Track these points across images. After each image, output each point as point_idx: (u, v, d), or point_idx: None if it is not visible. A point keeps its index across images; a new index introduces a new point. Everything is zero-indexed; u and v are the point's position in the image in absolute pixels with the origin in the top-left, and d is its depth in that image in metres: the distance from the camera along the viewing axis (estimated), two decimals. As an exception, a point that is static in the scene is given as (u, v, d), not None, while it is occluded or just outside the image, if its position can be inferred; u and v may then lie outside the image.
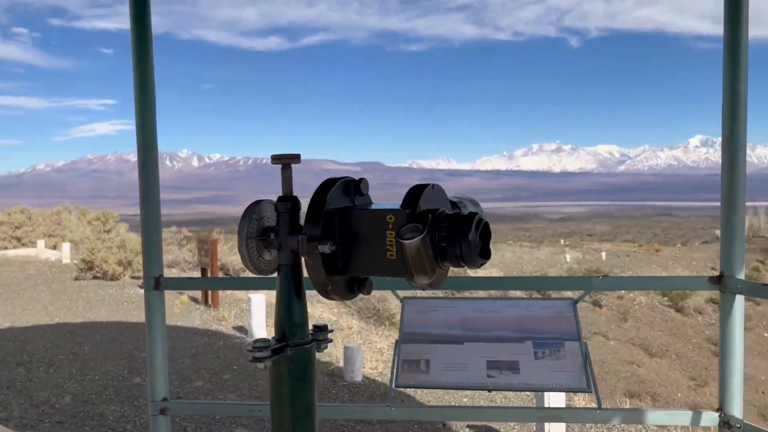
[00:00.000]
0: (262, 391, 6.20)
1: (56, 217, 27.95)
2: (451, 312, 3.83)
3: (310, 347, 0.93)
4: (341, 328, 9.26)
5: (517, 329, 3.67)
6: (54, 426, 5.19)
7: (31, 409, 5.59)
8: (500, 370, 3.54)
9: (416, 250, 0.77)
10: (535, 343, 3.60)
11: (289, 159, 0.92)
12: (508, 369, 3.54)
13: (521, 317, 3.73)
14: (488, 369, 3.55)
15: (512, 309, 3.77)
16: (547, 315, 3.78)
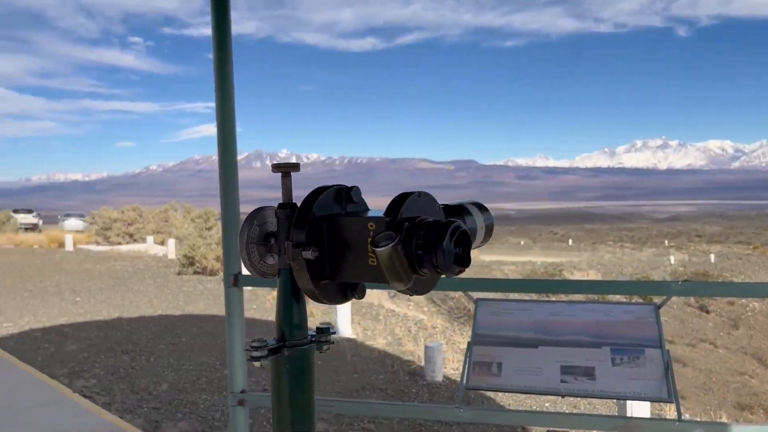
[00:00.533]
0: (343, 385, 6.33)
1: (164, 214, 29.75)
2: (526, 315, 3.75)
3: (307, 348, 0.96)
4: (425, 327, 9.27)
5: (594, 334, 3.54)
6: (150, 411, 5.54)
7: (132, 395, 6.00)
8: (575, 376, 3.43)
9: (388, 257, 0.78)
10: (614, 349, 3.45)
11: (289, 167, 0.95)
12: (583, 375, 3.42)
13: (600, 322, 3.59)
14: (562, 374, 3.45)
15: (590, 313, 3.64)
16: (627, 320, 3.61)
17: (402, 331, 8.79)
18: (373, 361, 7.26)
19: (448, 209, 0.98)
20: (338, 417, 5.34)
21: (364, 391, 6.20)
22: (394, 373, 6.78)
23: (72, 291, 12.65)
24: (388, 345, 8.02)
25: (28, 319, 9.62)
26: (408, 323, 9.45)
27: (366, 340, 8.22)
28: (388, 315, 10.14)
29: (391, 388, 6.28)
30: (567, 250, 52.05)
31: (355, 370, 6.88)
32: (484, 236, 1.05)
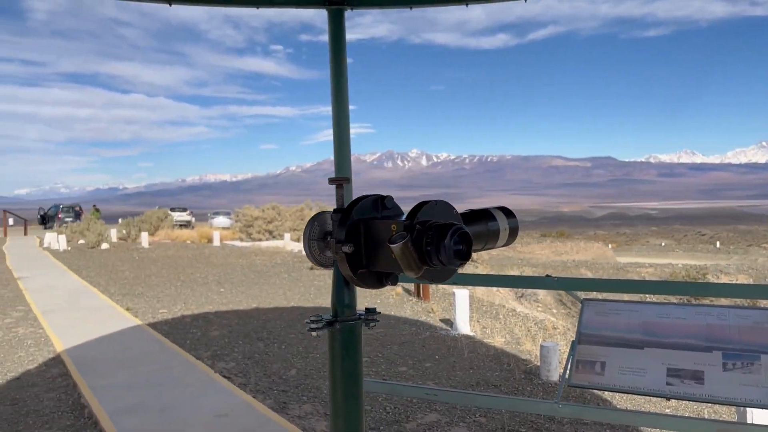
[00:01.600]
0: (458, 380, 6.51)
1: (300, 213, 31.43)
2: (633, 315, 3.74)
3: (355, 324, 1.20)
4: (546, 327, 9.19)
5: (705, 338, 3.47)
6: (279, 394, 6.07)
7: (265, 378, 6.59)
8: (682, 379, 3.40)
9: (400, 252, 0.99)
10: (725, 353, 3.38)
11: (341, 181, 1.19)
12: (691, 378, 3.38)
13: (711, 325, 3.52)
14: (668, 376, 3.42)
15: (701, 316, 3.57)
16: (742, 325, 3.51)
17: (521, 330, 8.80)
18: (490, 358, 7.37)
19: (473, 214, 1.18)
20: (451, 409, 5.54)
21: (478, 386, 6.34)
22: (510, 371, 6.86)
23: (217, 282, 13.88)
24: (506, 344, 8.08)
25: (180, 307, 10.74)
26: (528, 323, 9.42)
27: (484, 338, 8.34)
28: (508, 314, 10.15)
29: (506, 385, 6.37)
30: (714, 252, 48.15)
31: (471, 366, 7.03)
32: (509, 237, 1.23)
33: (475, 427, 5.27)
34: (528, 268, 26.95)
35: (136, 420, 5.14)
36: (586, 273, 27.66)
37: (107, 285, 13.56)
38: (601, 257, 39.75)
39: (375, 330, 8.77)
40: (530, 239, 46.84)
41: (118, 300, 11.43)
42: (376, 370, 6.91)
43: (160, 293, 12.30)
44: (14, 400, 6.00)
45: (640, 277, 28.07)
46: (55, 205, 45.44)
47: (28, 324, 9.47)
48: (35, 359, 7.46)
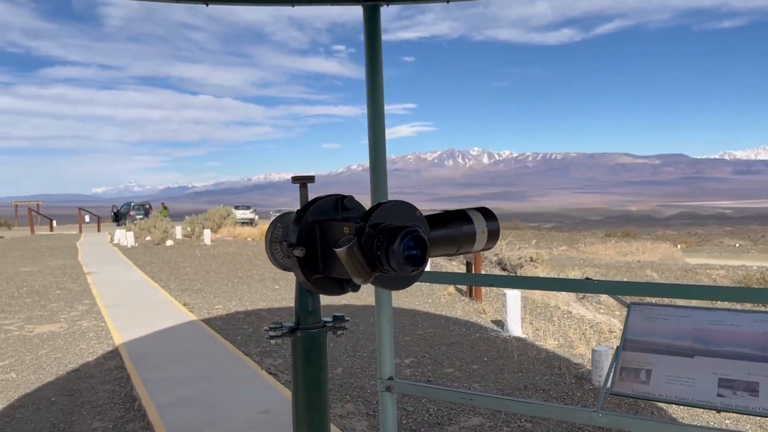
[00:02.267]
0: (506, 383, 6.36)
1: (358, 211, 31.65)
2: (683, 321, 3.53)
3: (318, 332, 1.13)
4: (602, 331, 8.86)
5: (761, 347, 3.24)
6: (324, 391, 6.09)
7: (310, 375, 6.63)
8: (734, 390, 3.18)
9: (345, 256, 0.91)
10: (784, 365, 3.13)
11: (305, 180, 1.12)
12: (744, 390, 3.16)
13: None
14: (720, 387, 3.21)
15: (758, 324, 3.33)
16: (804, 334, 3.26)
17: (575, 333, 8.51)
18: (540, 361, 7.16)
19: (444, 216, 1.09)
20: (496, 412, 5.41)
21: (526, 390, 6.17)
22: (560, 375, 6.64)
23: (273, 279, 14.11)
24: (559, 347, 7.83)
25: (235, 303, 10.96)
26: (583, 326, 9.11)
27: (536, 341, 8.12)
28: (563, 316, 9.86)
29: (555, 389, 6.16)
30: (794, 254, 45.46)
31: (520, 369, 6.85)
32: (488, 241, 1.14)
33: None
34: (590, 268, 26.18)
35: (181, 413, 5.25)
36: (651, 274, 26.66)
37: (168, 280, 14.01)
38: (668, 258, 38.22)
39: (424, 330, 8.69)
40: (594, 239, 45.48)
41: (177, 295, 11.78)
42: (422, 370, 6.83)
43: (218, 289, 12.60)
44: (71, 391, 6.25)
45: (710, 279, 26.84)
46: (127, 203, 47.47)
47: (92, 317, 9.87)
48: (95, 351, 7.76)
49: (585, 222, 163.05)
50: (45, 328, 9.19)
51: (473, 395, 3.63)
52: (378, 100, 3.87)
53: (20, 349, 8.01)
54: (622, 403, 5.54)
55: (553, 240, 43.40)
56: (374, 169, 3.84)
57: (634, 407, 5.59)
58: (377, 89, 3.86)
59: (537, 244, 36.74)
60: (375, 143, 3.85)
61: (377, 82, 3.87)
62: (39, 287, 13.32)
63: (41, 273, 15.82)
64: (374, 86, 3.85)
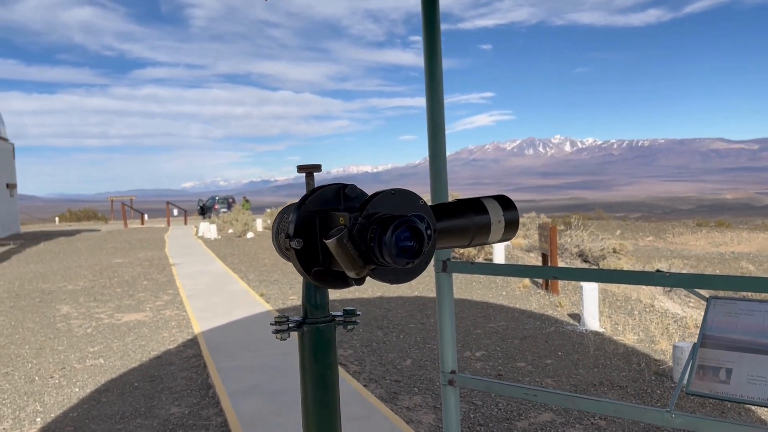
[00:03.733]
0: (580, 379, 6.13)
1: (434, 203, 31.57)
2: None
3: (325, 327, 1.07)
4: (687, 326, 8.39)
5: None
6: (392, 383, 6.08)
7: (379, 367, 6.63)
8: (826, 393, 2.90)
9: (336, 248, 0.85)
10: None
11: (311, 168, 1.06)
12: (838, 393, 2.88)
13: None
14: (809, 390, 2.94)
15: None
16: None
17: (657, 328, 8.09)
18: (618, 356, 6.86)
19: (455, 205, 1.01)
20: (568, 410, 5.22)
21: (601, 386, 5.92)
22: (639, 371, 6.33)
23: (347, 271, 14.27)
24: (639, 342, 7.47)
25: (309, 294, 11.16)
26: (666, 320, 8.65)
27: (614, 335, 7.78)
28: (645, 310, 9.40)
29: (633, 386, 5.88)
30: None
31: (596, 365, 6.59)
32: (505, 231, 1.05)
33: (592, 430, 4.92)
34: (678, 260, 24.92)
35: (251, 401, 5.39)
36: (747, 266, 25.04)
37: (247, 272, 14.45)
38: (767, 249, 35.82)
39: (497, 323, 8.52)
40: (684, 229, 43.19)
41: (255, 286, 12.12)
42: (493, 364, 6.70)
43: (293, 280, 12.86)
44: (152, 377, 6.54)
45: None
46: (212, 197, 49.41)
47: (175, 307, 10.32)
48: (176, 340, 8.10)
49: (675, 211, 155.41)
50: (132, 317, 9.69)
51: (537, 391, 3.49)
52: (437, 87, 3.78)
53: (109, 336, 8.48)
54: (706, 403, 5.21)
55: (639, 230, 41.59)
56: (434, 159, 3.75)
57: (714, 408, 5.25)
58: (436, 77, 3.77)
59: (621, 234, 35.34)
60: (434, 132, 3.76)
61: (436, 68, 3.77)
62: (128, 278, 14.06)
63: (131, 264, 16.71)
64: (433, 73, 3.76)
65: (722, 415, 5.06)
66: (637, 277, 4.22)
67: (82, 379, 6.59)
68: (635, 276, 4.21)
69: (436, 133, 3.82)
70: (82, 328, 9.03)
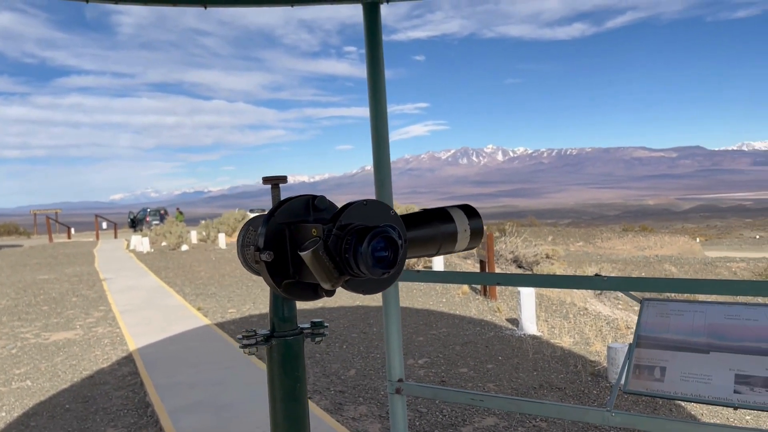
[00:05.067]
0: (521, 382, 6.27)
1: (372, 212, 31.67)
2: (698, 317, 3.45)
3: (293, 339, 1.07)
4: (619, 327, 8.73)
5: (779, 341, 3.14)
6: (336, 394, 6.04)
7: (323, 378, 6.58)
8: (752, 387, 3.08)
9: (311, 260, 0.86)
10: (802, 359, 3.04)
11: (277, 180, 1.06)
12: (762, 386, 3.06)
13: (787, 328, 3.19)
14: (736, 384, 3.12)
15: (776, 317, 3.24)
16: (823, 327, 3.17)
17: (592, 330, 8.39)
18: (556, 359, 7.06)
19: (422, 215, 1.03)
20: (511, 413, 5.33)
21: (541, 389, 6.08)
22: (576, 373, 6.54)
23: (287, 282, 14.10)
24: (575, 344, 7.72)
25: (249, 306, 10.96)
26: (599, 322, 8.98)
27: (551, 339, 8.01)
28: (579, 313, 9.73)
29: (571, 388, 6.07)
30: (816, 245, 44.70)
31: (535, 368, 6.76)
32: (471, 240, 1.07)
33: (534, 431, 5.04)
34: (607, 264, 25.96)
35: (192, 418, 5.24)
36: (670, 268, 26.33)
37: (183, 285, 14.06)
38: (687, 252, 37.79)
39: (438, 330, 8.61)
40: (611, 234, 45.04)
41: (191, 300, 11.81)
42: (436, 371, 6.77)
43: (232, 293, 12.62)
44: (85, 398, 6.27)
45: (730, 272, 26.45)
46: (144, 209, 47.87)
47: (107, 323, 9.92)
48: (109, 358, 7.79)
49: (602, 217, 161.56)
50: (61, 336, 9.25)
51: (484, 396, 3.56)
52: (380, 98, 3.82)
53: (36, 356, 8.06)
54: (640, 401, 5.44)
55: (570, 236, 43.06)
56: (378, 169, 3.78)
57: (650, 406, 5.49)
58: (379, 88, 3.82)
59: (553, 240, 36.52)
60: (378, 142, 3.80)
61: (379, 80, 3.82)
62: (56, 295, 13.43)
63: (58, 280, 15.97)
64: (376, 85, 3.81)
65: (654, 412, 5.29)
66: (577, 281, 4.39)
67: (9, 403, 6.24)
68: (576, 280, 4.37)
69: (380, 143, 3.86)
70: (6, 349, 8.56)
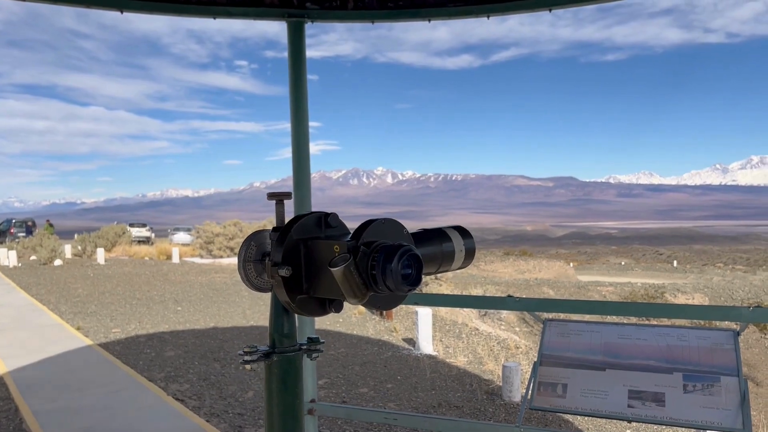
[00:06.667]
0: (420, 401, 6.39)
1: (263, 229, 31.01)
2: (595, 336, 3.70)
3: (294, 356, 1.08)
4: (508, 347, 9.15)
5: (665, 359, 3.45)
6: (235, 417, 5.86)
7: (220, 400, 6.36)
8: (643, 401, 3.36)
9: (342, 276, 0.88)
10: (686, 375, 3.36)
11: (282, 196, 1.07)
12: (652, 401, 3.34)
13: (672, 346, 3.50)
14: (630, 399, 3.38)
15: (662, 337, 3.55)
16: (702, 346, 3.50)
17: (484, 350, 8.73)
18: (452, 378, 7.28)
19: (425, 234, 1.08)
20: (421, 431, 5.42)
21: (440, 407, 6.23)
22: (472, 391, 6.77)
23: (174, 300, 13.50)
24: (469, 363, 8.00)
25: (134, 326, 10.37)
26: (491, 342, 9.37)
27: (446, 358, 8.25)
28: (471, 333, 10.10)
29: (468, 406, 6.27)
30: (671, 271, 49.21)
31: (433, 387, 6.93)
32: (465, 259, 1.13)
33: (436, 450, 5.15)
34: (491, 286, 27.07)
35: (80, 447, 4.87)
36: (548, 291, 27.92)
37: (58, 303, 13.05)
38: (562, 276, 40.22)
39: (336, 350, 8.60)
40: (493, 257, 47.12)
41: (69, 319, 10.99)
42: (336, 391, 6.74)
43: (114, 312, 11.88)
44: (-51, 427, 5.64)
45: (600, 295, 28.47)
46: (8, 219, 43.99)
47: (-29, 344, 9.00)
48: (-24, 382, 7.07)
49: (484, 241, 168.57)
50: None
51: (397, 414, 3.62)
52: (302, 116, 3.83)
53: None
54: (544, 417, 5.72)
55: (455, 258, 44.48)
56: (298, 185, 3.77)
57: (554, 421, 5.79)
58: (302, 106, 3.82)
59: (440, 262, 37.53)
60: (299, 159, 3.80)
61: (302, 98, 3.83)
62: None
63: None
64: (299, 102, 3.81)
65: (560, 427, 5.59)
66: (491, 302, 4.57)
67: None
68: (490, 301, 4.55)
69: (301, 161, 3.85)
70: None
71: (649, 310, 3.63)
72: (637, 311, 3.37)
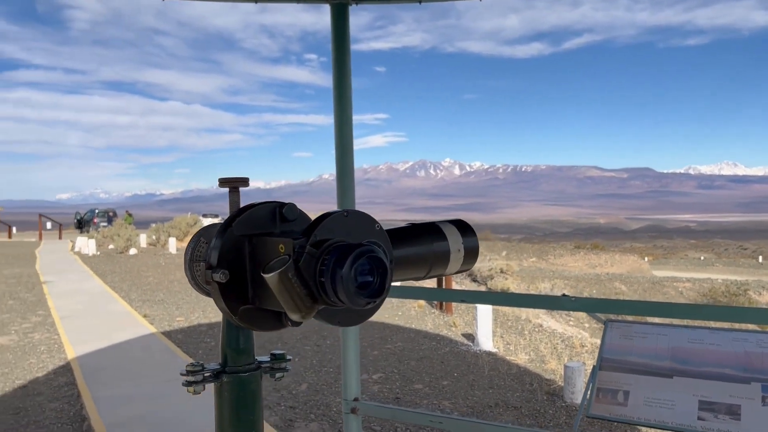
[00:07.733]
0: (476, 400, 6.15)
1: (328, 221, 31.37)
2: (662, 340, 3.38)
3: (249, 376, 0.89)
4: (573, 345, 8.74)
5: (742, 367, 3.10)
6: (287, 410, 5.80)
7: (274, 392, 6.32)
8: (715, 413, 3.03)
9: (277, 284, 0.69)
10: (765, 386, 3.00)
11: (236, 182, 0.88)
12: (726, 413, 3.01)
13: (750, 353, 3.14)
14: (700, 410, 3.06)
15: (739, 343, 3.19)
16: (786, 354, 3.13)
17: (547, 347, 8.37)
18: (512, 377, 6.98)
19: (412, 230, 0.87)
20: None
21: (497, 407, 5.97)
22: (532, 391, 6.47)
23: (239, 290, 13.72)
24: (530, 362, 7.67)
25: (198, 315, 10.58)
26: (555, 340, 8.98)
27: (507, 355, 7.94)
28: (534, 330, 9.72)
29: (527, 407, 5.98)
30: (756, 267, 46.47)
31: (491, 386, 6.66)
32: (464, 261, 0.90)
33: (490, 453, 4.91)
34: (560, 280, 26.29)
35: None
36: (620, 287, 26.87)
37: (129, 291, 13.52)
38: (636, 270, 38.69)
39: (393, 344, 8.45)
40: (563, 251, 45.82)
41: (138, 306, 11.34)
42: (390, 387, 6.60)
43: (180, 300, 12.18)
44: (17, 410, 5.85)
45: (677, 291, 27.17)
46: (91, 209, 46.28)
47: (45, 329, 9.41)
48: (45, 366, 7.34)
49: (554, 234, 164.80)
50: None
51: (443, 418, 3.42)
52: (346, 104, 3.66)
53: (-35, 363, 7.55)
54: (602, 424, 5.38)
55: (523, 251, 43.60)
56: (341, 177, 3.61)
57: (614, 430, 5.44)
58: (345, 93, 3.65)
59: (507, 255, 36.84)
60: (342, 149, 3.63)
61: (345, 85, 3.66)
62: (-8, 297, 12.73)
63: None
64: (342, 89, 3.64)
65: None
66: (545, 301, 4.29)
67: (-70, 415, 5.78)
68: (545, 300, 4.27)
69: (344, 150, 3.68)
70: (-68, 354, 7.99)
71: (725, 314, 3.26)
72: (710, 314, 3.03)
